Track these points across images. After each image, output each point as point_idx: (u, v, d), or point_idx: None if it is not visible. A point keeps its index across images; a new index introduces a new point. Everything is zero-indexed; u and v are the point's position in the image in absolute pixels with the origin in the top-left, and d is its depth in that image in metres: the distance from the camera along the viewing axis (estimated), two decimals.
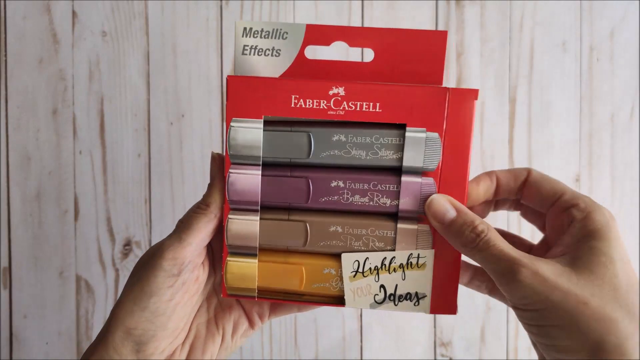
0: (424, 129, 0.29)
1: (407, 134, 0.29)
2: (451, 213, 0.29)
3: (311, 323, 0.47)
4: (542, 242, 0.32)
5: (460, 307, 0.49)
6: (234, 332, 0.32)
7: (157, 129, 0.47)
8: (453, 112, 0.29)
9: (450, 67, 0.49)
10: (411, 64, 0.30)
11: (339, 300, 0.31)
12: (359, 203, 0.31)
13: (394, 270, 0.30)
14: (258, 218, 0.30)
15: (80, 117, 0.46)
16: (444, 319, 0.49)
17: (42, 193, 0.46)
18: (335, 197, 0.31)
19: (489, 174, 0.31)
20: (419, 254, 0.30)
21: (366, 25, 0.48)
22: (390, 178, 0.31)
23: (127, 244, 0.46)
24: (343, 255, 0.30)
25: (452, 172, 0.30)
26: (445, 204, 0.29)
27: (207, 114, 0.47)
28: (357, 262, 0.30)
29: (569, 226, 0.28)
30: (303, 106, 0.29)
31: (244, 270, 0.31)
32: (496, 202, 0.33)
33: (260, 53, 0.30)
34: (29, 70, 0.46)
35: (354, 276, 0.31)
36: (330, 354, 0.48)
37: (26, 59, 0.46)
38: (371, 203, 0.31)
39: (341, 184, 0.32)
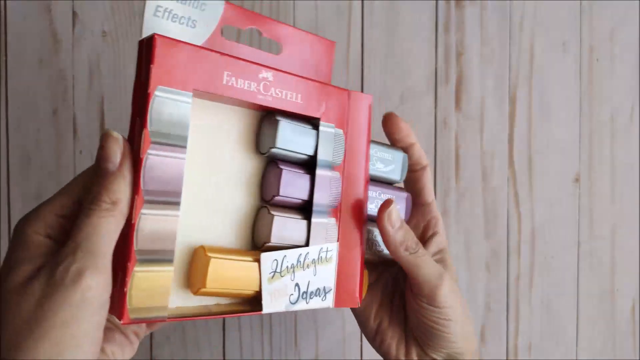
0: (333, 125, 0.30)
1: (320, 128, 0.30)
2: (398, 222, 0.31)
3: (311, 323, 0.47)
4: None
5: None
6: (122, 356, 0.27)
7: None
8: (353, 113, 0.31)
9: (450, 67, 0.49)
10: (311, 65, 0.31)
11: (255, 306, 0.28)
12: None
13: (307, 266, 0.29)
14: (179, 213, 0.24)
15: (80, 117, 0.46)
16: None
17: (42, 193, 0.46)
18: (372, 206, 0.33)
19: (410, 131, 0.35)
20: (327, 248, 0.30)
21: (366, 25, 0.48)
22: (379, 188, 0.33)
23: None
24: (262, 255, 0.27)
25: (353, 169, 0.31)
26: (400, 216, 0.31)
27: None
28: (275, 262, 0.28)
29: (430, 237, 0.34)
30: (235, 85, 0.26)
31: (155, 283, 0.24)
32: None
33: (175, 19, 0.26)
34: (29, 71, 0.46)
35: (272, 277, 0.28)
36: (330, 354, 0.48)
37: (26, 59, 0.46)
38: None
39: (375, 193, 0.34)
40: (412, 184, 0.36)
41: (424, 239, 0.35)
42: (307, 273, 0.29)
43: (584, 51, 0.50)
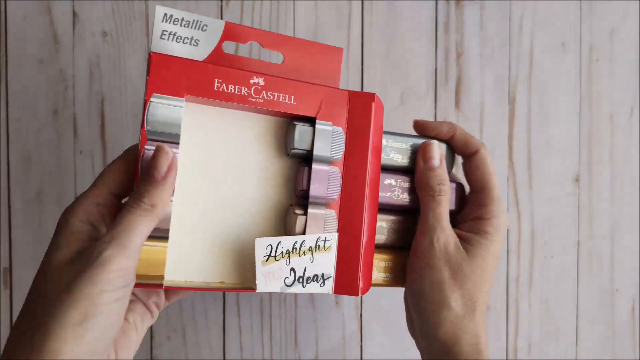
0: (330, 123, 0.33)
1: (317, 126, 0.32)
2: (436, 161, 0.35)
3: (311, 323, 0.48)
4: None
5: None
6: (142, 325, 0.31)
7: None
8: (353, 112, 0.33)
9: (450, 67, 0.49)
10: (314, 71, 0.34)
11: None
12: (406, 199, 0.36)
13: (304, 253, 0.32)
14: (172, 198, 0.29)
15: (80, 118, 0.46)
16: None
17: (42, 193, 0.46)
18: (388, 194, 0.36)
19: (450, 123, 0.37)
20: (325, 237, 0.32)
21: (366, 26, 0.48)
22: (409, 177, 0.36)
23: None
24: (257, 240, 0.31)
25: (354, 163, 0.33)
26: (436, 152, 0.35)
27: None
28: (270, 247, 0.31)
29: (478, 218, 0.36)
30: (225, 90, 0.30)
31: (153, 256, 0.29)
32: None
33: (179, 40, 0.31)
34: (30, 71, 0.46)
35: (267, 260, 0.31)
36: (330, 354, 0.48)
37: (26, 59, 0.46)
38: (408, 198, 0.37)
39: (393, 181, 0.36)
40: (469, 173, 0.37)
41: (479, 227, 0.35)
42: (304, 259, 0.32)
43: (583, 51, 0.50)
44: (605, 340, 0.51)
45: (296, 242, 0.31)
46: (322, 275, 0.32)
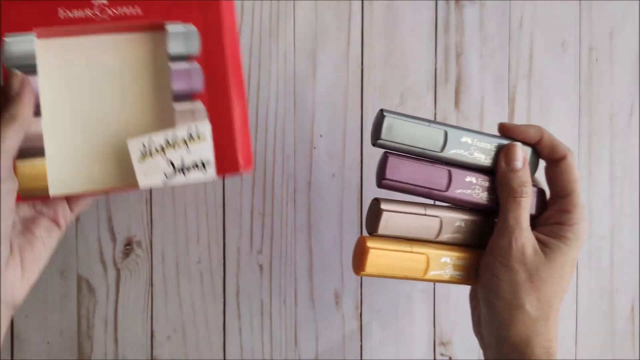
0: (181, 21, 0.35)
1: (168, 29, 0.34)
2: (519, 163, 0.35)
3: (311, 323, 0.48)
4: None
5: (461, 307, 0.49)
6: (50, 239, 0.35)
7: None
8: (210, 14, 0.35)
9: (450, 67, 0.49)
10: None
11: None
12: (486, 198, 0.37)
13: (178, 145, 0.34)
14: (41, 119, 0.34)
15: None
16: (443, 318, 0.49)
17: None
18: (469, 191, 0.37)
19: (538, 127, 0.37)
20: (196, 126, 0.34)
21: (366, 26, 0.48)
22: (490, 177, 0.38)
23: (128, 244, 0.46)
24: (128, 141, 0.34)
25: (213, 56, 0.35)
26: (520, 154, 0.36)
27: None
28: (142, 145, 0.34)
29: (559, 223, 0.36)
30: (71, 16, 0.33)
31: (35, 170, 0.33)
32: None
33: None
34: None
35: (143, 158, 0.34)
36: (330, 354, 0.48)
37: None
38: (488, 197, 0.38)
39: (474, 179, 0.37)
40: (553, 178, 0.37)
41: (559, 233, 0.35)
42: (179, 151, 0.34)
43: (583, 51, 0.50)
44: (604, 340, 0.51)
45: (167, 136, 0.34)
46: (202, 163, 0.34)
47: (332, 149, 0.48)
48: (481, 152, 0.37)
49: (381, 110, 0.36)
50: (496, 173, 0.37)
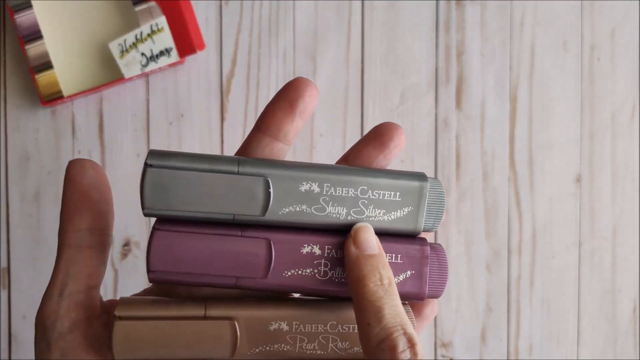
0: None
1: None
2: (374, 249, 0.23)
3: None
4: None
5: (461, 308, 0.49)
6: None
7: (156, 129, 0.47)
8: None
9: (451, 67, 0.49)
10: None
11: None
12: (339, 278, 0.23)
13: (145, 40, 0.43)
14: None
15: (79, 117, 0.46)
16: (444, 320, 0.49)
17: (41, 193, 0.46)
18: (309, 271, 0.22)
19: None
20: (156, 22, 0.43)
21: (366, 26, 0.48)
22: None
23: (126, 244, 0.46)
24: (109, 44, 0.43)
25: None
26: (372, 239, 0.23)
27: (207, 114, 0.47)
28: (120, 45, 0.43)
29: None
30: None
31: (50, 79, 0.45)
32: None
33: None
34: (29, 71, 0.46)
35: (122, 55, 0.43)
36: None
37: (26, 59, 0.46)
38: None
39: (317, 250, 0.23)
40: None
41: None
42: (147, 44, 0.43)
43: (584, 50, 0.50)
44: (606, 340, 0.51)
45: (136, 34, 0.43)
46: (167, 50, 0.43)
47: (332, 149, 0.47)
48: (341, 205, 0.22)
49: (146, 159, 0.22)
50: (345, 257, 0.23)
